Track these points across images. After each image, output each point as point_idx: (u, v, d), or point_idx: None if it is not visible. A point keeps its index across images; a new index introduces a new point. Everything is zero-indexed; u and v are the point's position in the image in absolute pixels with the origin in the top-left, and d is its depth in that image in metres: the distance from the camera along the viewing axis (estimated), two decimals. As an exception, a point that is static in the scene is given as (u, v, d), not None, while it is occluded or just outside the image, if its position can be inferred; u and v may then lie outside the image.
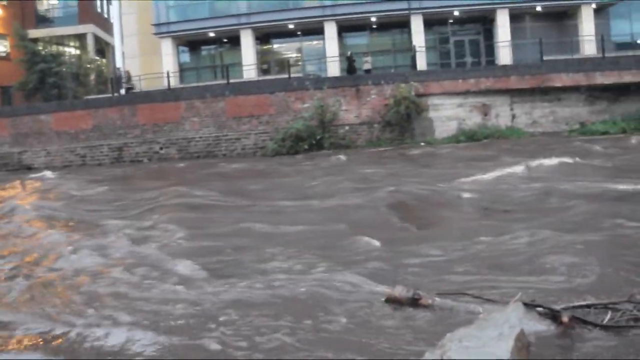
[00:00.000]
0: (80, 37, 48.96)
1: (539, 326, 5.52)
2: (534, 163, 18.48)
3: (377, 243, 10.15)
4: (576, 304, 5.99)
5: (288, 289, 7.72)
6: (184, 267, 9.19)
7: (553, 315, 5.67)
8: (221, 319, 6.75)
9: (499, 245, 9.55)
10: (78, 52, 48.56)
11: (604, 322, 5.61)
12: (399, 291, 7.00)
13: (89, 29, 48.42)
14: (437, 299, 6.72)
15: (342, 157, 26.81)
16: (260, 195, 17.10)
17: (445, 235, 10.61)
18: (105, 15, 54.64)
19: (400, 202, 13.91)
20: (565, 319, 5.57)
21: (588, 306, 5.94)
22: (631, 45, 37.38)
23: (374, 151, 29.08)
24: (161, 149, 33.42)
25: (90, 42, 48.48)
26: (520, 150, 24.26)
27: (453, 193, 14.70)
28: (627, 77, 30.29)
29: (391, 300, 6.87)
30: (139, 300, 7.70)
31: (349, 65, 35.73)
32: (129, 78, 38.70)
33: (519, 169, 17.89)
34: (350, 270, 8.39)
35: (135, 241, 11.39)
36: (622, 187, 13.78)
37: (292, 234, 11.46)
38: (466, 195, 14.35)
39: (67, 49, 48.70)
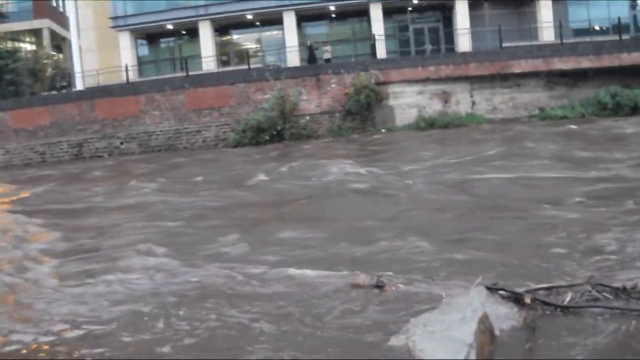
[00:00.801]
0: (36, 32, 48.11)
1: (502, 309, 5.55)
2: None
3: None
4: (538, 286, 6.06)
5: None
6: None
7: (516, 298, 5.71)
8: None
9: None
10: (34, 47, 47.75)
11: (564, 302, 5.68)
12: (363, 279, 7.00)
13: (44, 23, 47.58)
14: (400, 285, 6.74)
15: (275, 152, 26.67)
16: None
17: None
18: (61, 10, 53.68)
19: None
20: (527, 300, 5.62)
21: (550, 288, 6.01)
22: (589, 32, 37.71)
23: (322, 142, 28.99)
24: (122, 143, 32.97)
25: (46, 37, 47.65)
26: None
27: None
28: (585, 63, 30.60)
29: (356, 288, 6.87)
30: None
31: (310, 54, 35.66)
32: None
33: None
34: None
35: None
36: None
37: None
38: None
39: (23, 45, 47.86)
